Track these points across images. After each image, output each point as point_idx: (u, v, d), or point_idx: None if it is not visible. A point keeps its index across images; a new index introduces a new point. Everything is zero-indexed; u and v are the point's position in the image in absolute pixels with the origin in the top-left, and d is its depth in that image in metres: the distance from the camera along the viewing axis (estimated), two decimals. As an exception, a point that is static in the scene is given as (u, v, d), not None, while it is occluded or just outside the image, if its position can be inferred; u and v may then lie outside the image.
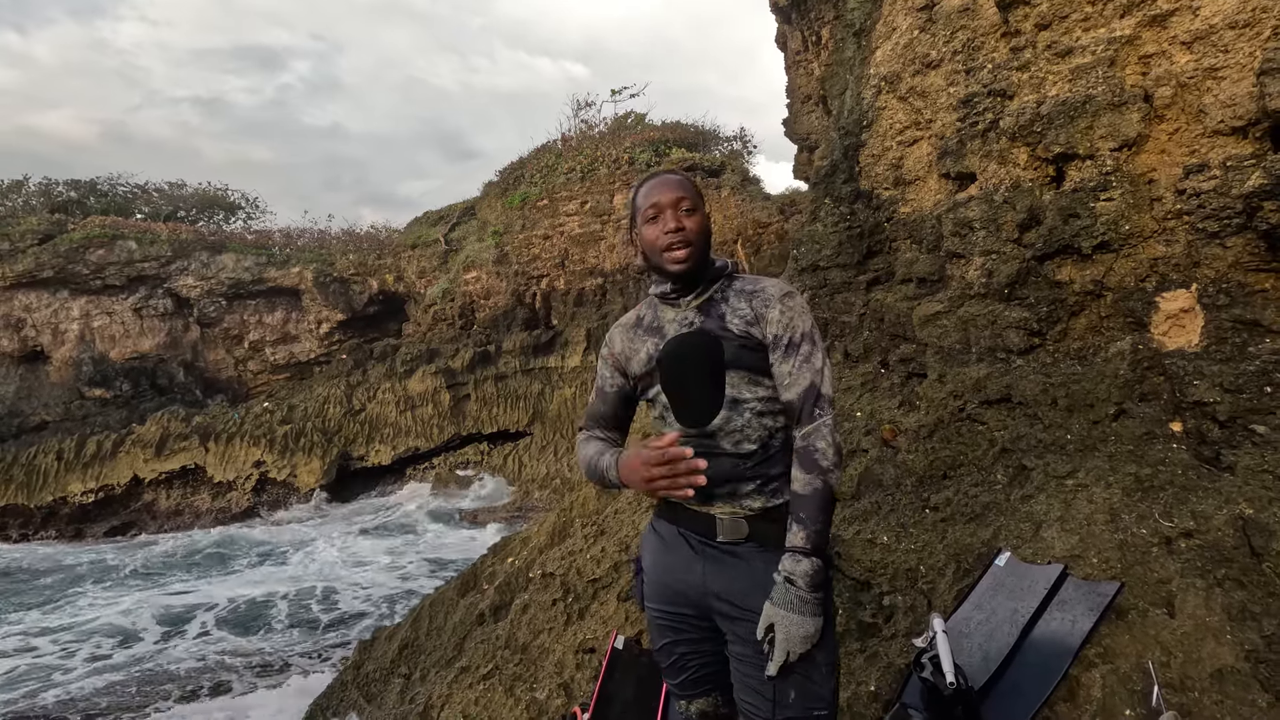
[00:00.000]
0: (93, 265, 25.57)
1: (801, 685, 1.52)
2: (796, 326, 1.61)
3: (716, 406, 1.62)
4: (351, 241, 27.31)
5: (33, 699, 7.32)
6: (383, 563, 11.96)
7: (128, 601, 10.54)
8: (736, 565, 1.60)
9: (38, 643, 9.09)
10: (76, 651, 8.76)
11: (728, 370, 1.62)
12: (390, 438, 16.89)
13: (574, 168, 20.14)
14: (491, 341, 18.74)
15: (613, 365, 1.84)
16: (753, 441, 1.61)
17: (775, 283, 1.70)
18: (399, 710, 4.14)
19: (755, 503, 1.61)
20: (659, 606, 1.73)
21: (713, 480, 1.61)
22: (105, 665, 8.26)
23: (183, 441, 16.53)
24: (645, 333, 1.78)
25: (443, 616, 4.98)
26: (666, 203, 1.66)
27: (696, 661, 1.71)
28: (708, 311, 1.68)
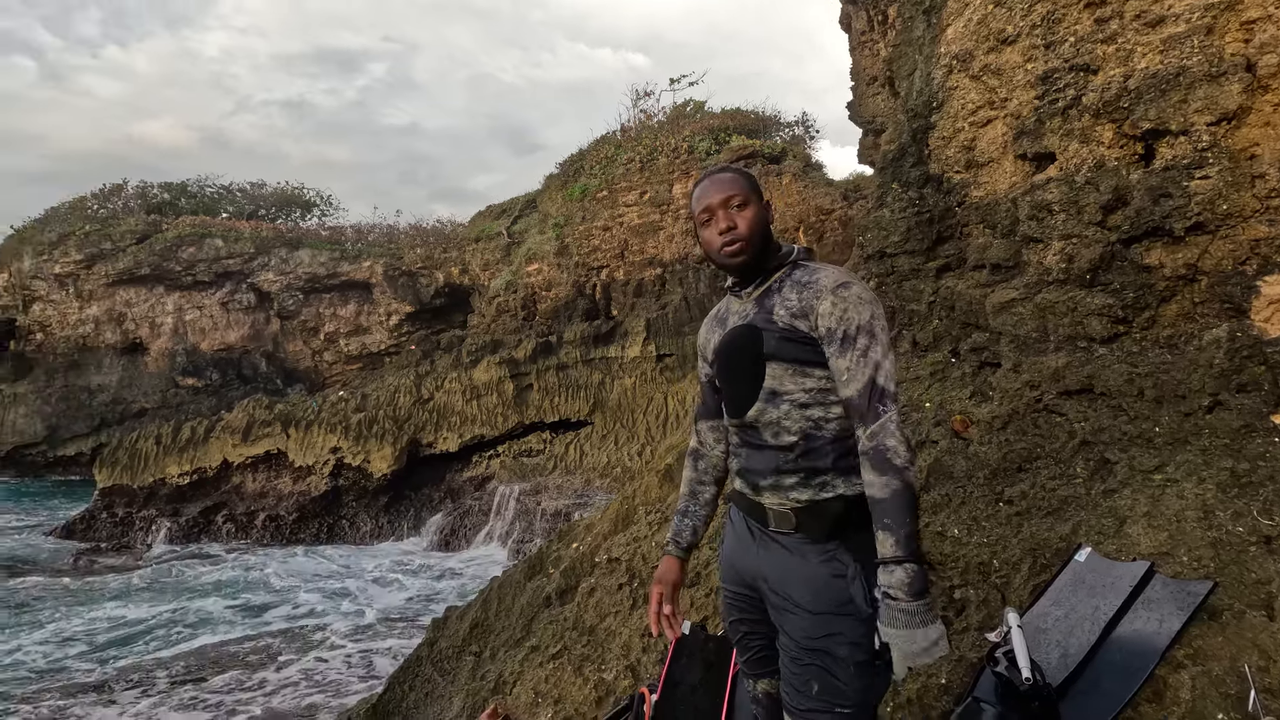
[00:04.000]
0: (184, 262, 27.32)
1: (822, 678, 1.53)
2: (851, 319, 1.54)
3: (753, 398, 1.63)
4: (419, 236, 28.22)
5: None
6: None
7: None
8: (785, 555, 1.61)
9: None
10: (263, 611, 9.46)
11: (768, 362, 1.61)
12: (457, 425, 17.43)
13: (633, 158, 20.16)
14: (553, 332, 19.05)
15: (701, 356, 1.89)
16: (792, 434, 1.59)
17: (831, 272, 1.63)
18: (471, 686, 4.31)
19: (802, 495, 1.59)
20: (727, 585, 1.80)
21: (757, 471, 1.66)
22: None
23: (266, 428, 17.52)
24: (716, 324, 1.82)
25: (510, 598, 5.15)
26: (717, 203, 1.65)
27: (758, 642, 1.76)
28: (762, 302, 1.67)
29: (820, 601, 1.54)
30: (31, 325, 27.35)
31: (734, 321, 1.72)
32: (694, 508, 1.93)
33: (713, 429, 1.92)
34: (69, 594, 11.23)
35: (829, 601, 1.53)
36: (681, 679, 2.33)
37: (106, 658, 8.50)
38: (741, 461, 1.72)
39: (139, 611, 10.29)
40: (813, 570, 1.56)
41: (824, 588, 1.54)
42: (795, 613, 1.56)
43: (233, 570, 13.13)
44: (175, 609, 10.38)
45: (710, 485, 1.94)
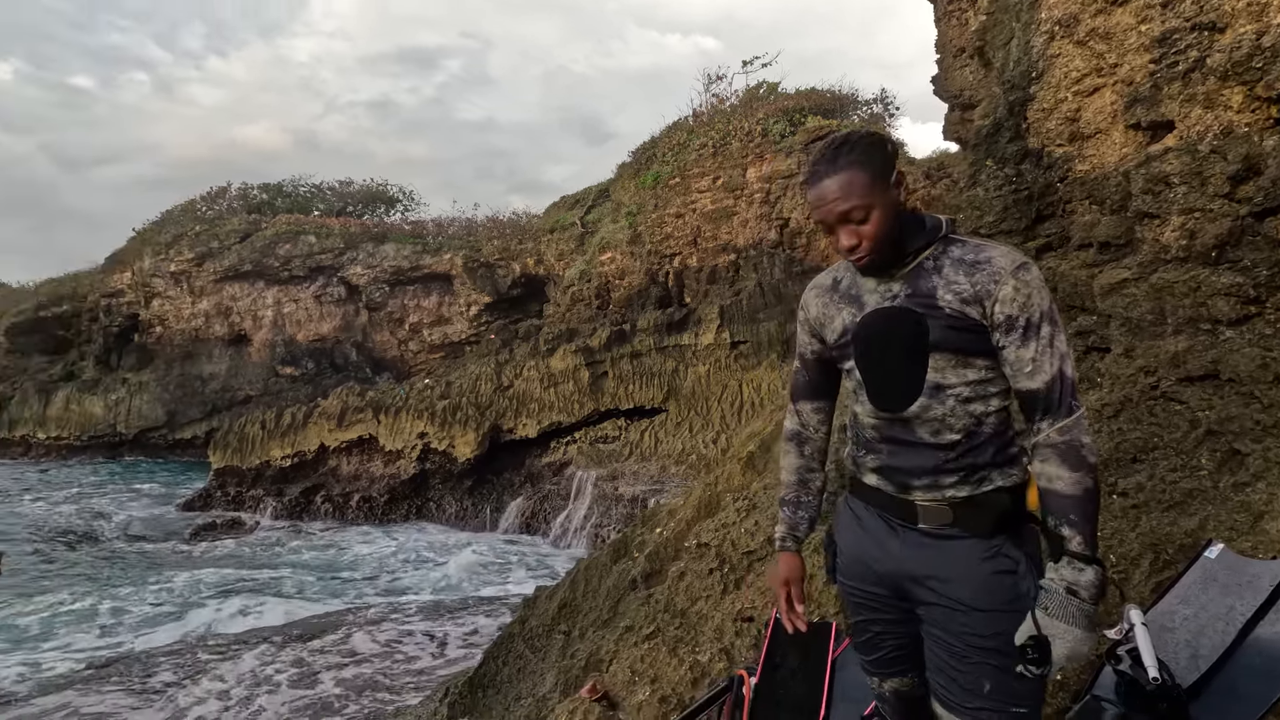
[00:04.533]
0: (281, 258, 29.09)
1: (996, 677, 1.44)
2: (1034, 305, 1.40)
3: (915, 392, 1.49)
4: (496, 228, 28.98)
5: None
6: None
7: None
8: (939, 551, 1.50)
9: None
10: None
11: (932, 353, 1.46)
12: (536, 412, 17.89)
13: (705, 144, 19.98)
14: (627, 320, 19.20)
15: (809, 331, 1.72)
16: (956, 431, 1.47)
17: (1004, 251, 1.47)
18: (562, 664, 4.47)
19: (960, 491, 1.48)
20: (853, 584, 1.68)
21: (907, 471, 1.53)
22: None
23: (359, 414, 18.51)
24: (842, 299, 1.62)
25: (597, 580, 5.29)
26: (834, 220, 1.47)
27: (892, 642, 1.66)
28: (914, 283, 1.49)
29: (988, 599, 1.45)
30: (152, 319, 29.85)
31: (876, 301, 1.54)
32: (806, 497, 1.82)
33: (816, 410, 1.79)
34: (189, 560, 12.32)
35: (998, 599, 1.45)
36: (780, 664, 2.35)
37: (220, 618, 9.27)
38: (881, 459, 1.58)
39: (246, 577, 11.19)
40: (976, 566, 1.46)
41: (991, 584, 1.45)
42: (960, 611, 1.46)
43: (330, 546, 13.99)
44: (276, 577, 11.20)
45: (819, 472, 1.84)
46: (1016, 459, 1.52)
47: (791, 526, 1.83)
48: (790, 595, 1.77)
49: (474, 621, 8.98)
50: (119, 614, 9.32)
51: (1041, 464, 1.42)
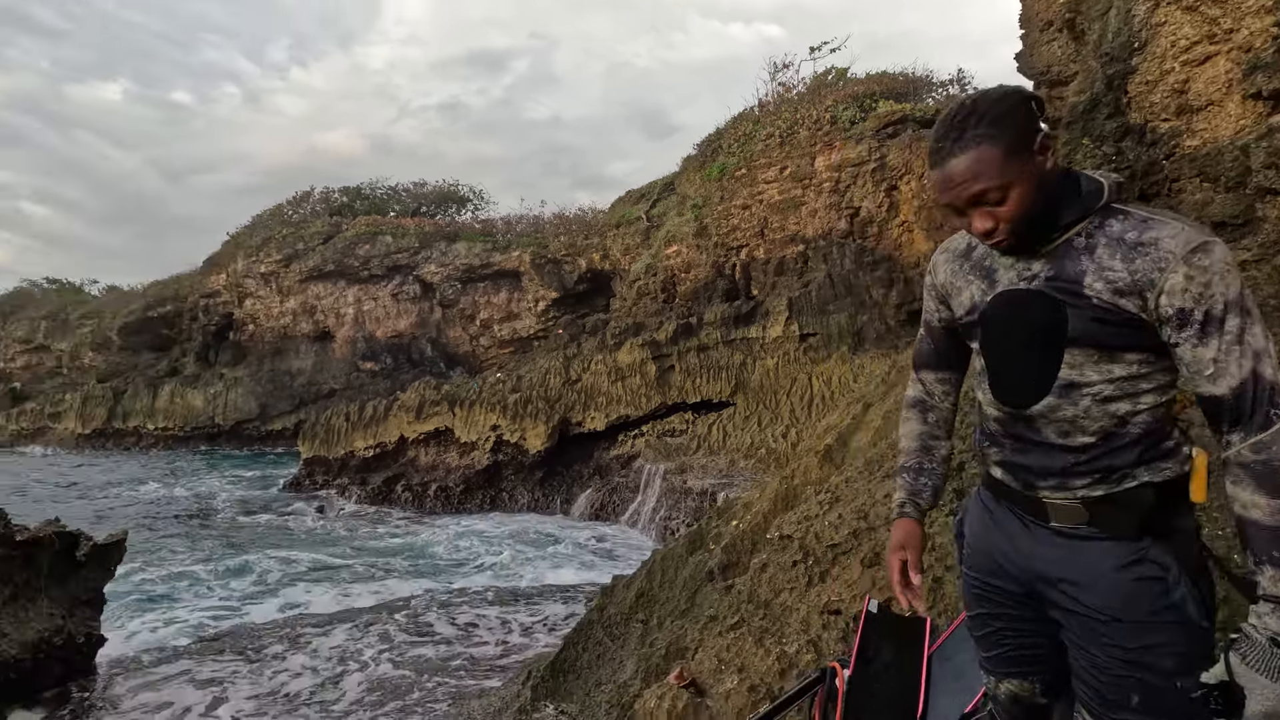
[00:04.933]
0: (361, 258, 30.44)
1: (1144, 690, 1.30)
2: (1216, 294, 1.18)
3: (1041, 390, 1.32)
4: (562, 224, 29.43)
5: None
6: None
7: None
8: (1073, 552, 1.36)
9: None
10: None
11: (1069, 348, 1.29)
12: (604, 405, 18.11)
13: (772, 133, 19.66)
14: (693, 313, 19.17)
15: (936, 297, 1.55)
16: (1089, 433, 1.31)
17: (1176, 230, 1.21)
18: (641, 652, 4.54)
19: (1095, 491, 1.32)
20: (977, 575, 1.55)
21: (1030, 469, 1.39)
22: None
23: (435, 407, 19.20)
24: (973, 270, 1.44)
25: (673, 571, 5.34)
26: (963, 203, 1.28)
27: (1013, 640, 1.53)
28: (1060, 264, 1.29)
29: (1131, 609, 1.29)
30: (244, 318, 31.82)
31: (1010, 280, 1.36)
32: (929, 464, 1.66)
33: (941, 381, 1.63)
34: (287, 539, 13.13)
35: (1142, 609, 1.29)
36: (874, 656, 2.32)
37: (313, 596, 9.83)
38: (1004, 453, 1.44)
39: (336, 556, 11.85)
40: (1116, 572, 1.31)
41: (1135, 593, 1.29)
42: (1100, 621, 1.32)
43: (411, 532, 14.59)
44: (362, 559, 11.79)
45: (944, 440, 1.67)
46: (1173, 452, 1.32)
47: (912, 493, 1.67)
48: (903, 565, 1.60)
49: (545, 608, 9.20)
50: (229, 587, 10.09)
51: (1233, 486, 1.21)
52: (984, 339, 1.44)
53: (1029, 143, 1.23)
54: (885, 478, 3.59)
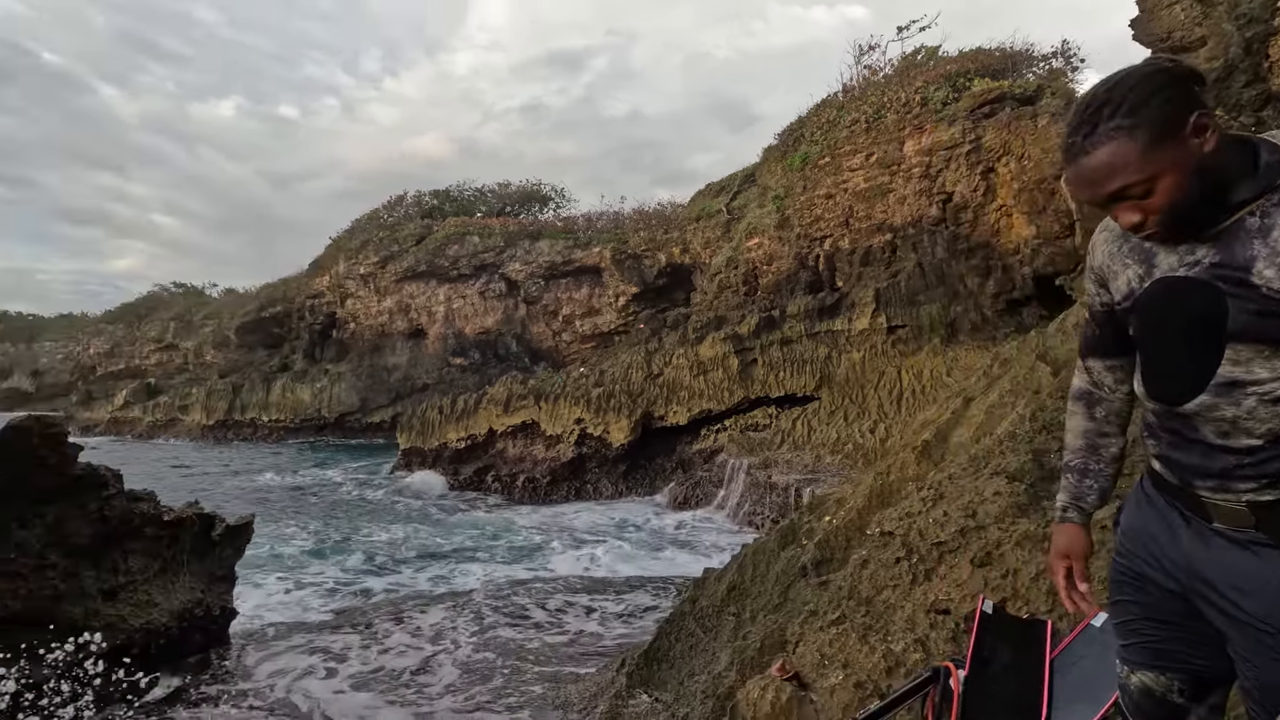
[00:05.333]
0: (450, 258, 31.71)
1: None
2: None
3: (1197, 387, 1.23)
4: (642, 219, 29.64)
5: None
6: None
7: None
8: (1239, 557, 1.26)
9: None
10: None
11: (1231, 343, 1.17)
12: (685, 399, 18.16)
13: (857, 119, 19.05)
14: (776, 306, 18.90)
15: (1096, 280, 1.45)
16: (1256, 435, 1.19)
17: None
18: (736, 645, 4.57)
19: (1263, 496, 1.21)
20: (1127, 563, 1.49)
21: (1189, 468, 1.30)
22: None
23: (522, 401, 19.81)
24: (1132, 253, 1.34)
25: (765, 565, 5.33)
26: (1101, 201, 1.20)
27: (1153, 633, 1.45)
28: (1228, 248, 1.17)
29: None
30: (346, 317, 33.83)
31: (1170, 266, 1.25)
32: (1096, 464, 1.55)
33: (1112, 369, 1.51)
34: (394, 520, 13.98)
35: None
36: (991, 658, 2.27)
37: (418, 578, 10.40)
38: (1161, 447, 1.36)
39: (438, 539, 12.51)
40: None
41: None
42: (1268, 633, 1.22)
43: (505, 519, 15.13)
44: (460, 544, 12.35)
45: (1115, 437, 1.54)
46: None
47: (1075, 496, 1.57)
48: (1069, 573, 1.53)
49: (632, 598, 9.36)
50: (343, 566, 10.88)
51: None
52: (1138, 328, 1.35)
53: (1178, 128, 1.11)
54: (994, 475, 3.46)
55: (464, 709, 5.93)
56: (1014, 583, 2.68)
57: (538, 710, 5.72)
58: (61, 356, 52.62)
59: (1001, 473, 3.41)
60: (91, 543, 6.33)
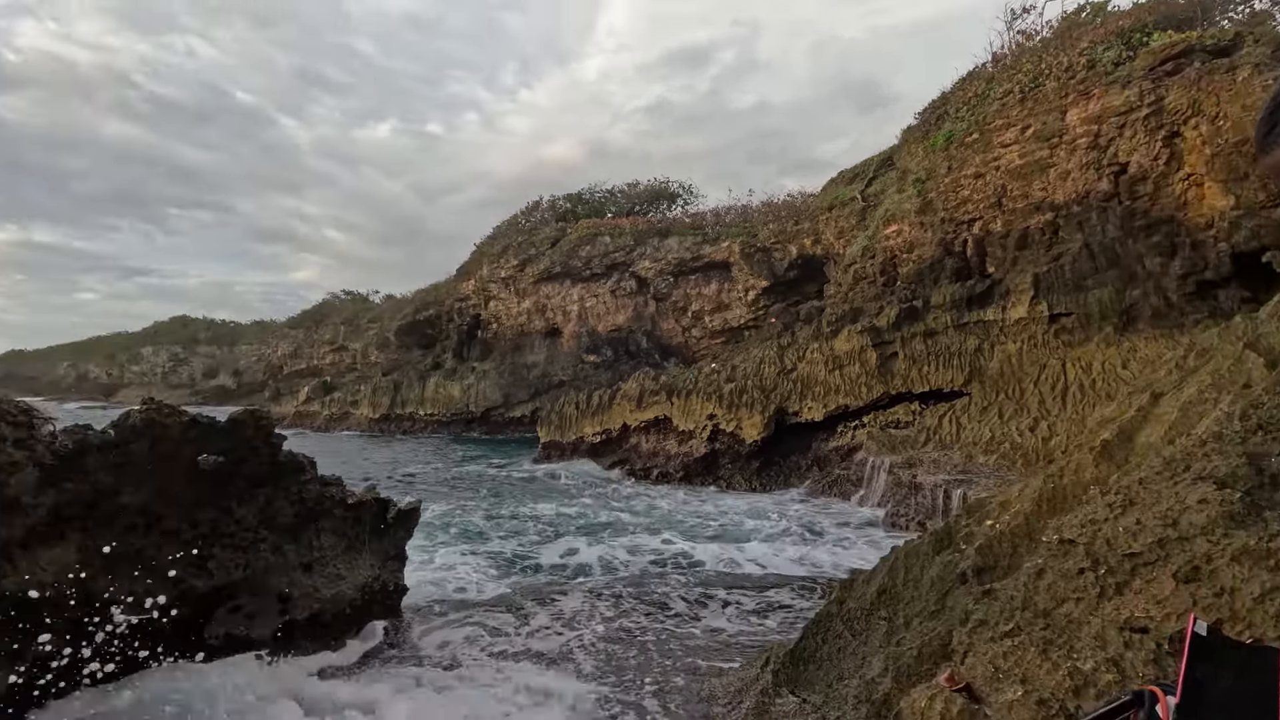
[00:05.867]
0: (583, 259, 32.82)
1: None
2: None
3: None
4: (771, 211, 29.09)
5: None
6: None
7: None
8: None
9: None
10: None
11: None
12: (820, 395, 17.63)
13: (1010, 90, 17.54)
14: (917, 296, 17.85)
15: None
16: None
17: None
18: (889, 650, 4.41)
19: None
20: None
21: None
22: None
23: (655, 396, 20.16)
24: None
25: (918, 569, 5.08)
26: None
27: None
28: None
29: None
30: (489, 318, 36.06)
31: None
32: None
33: None
34: (544, 505, 14.80)
35: None
36: (1207, 686, 2.04)
37: (567, 563, 10.90)
38: None
39: (584, 527, 13.05)
40: None
41: None
42: None
43: (645, 509, 15.47)
44: (606, 531, 12.81)
45: None
46: None
47: None
48: None
49: (771, 595, 9.24)
50: (497, 550, 11.67)
51: None
52: None
53: None
54: (1197, 480, 3.08)
55: (611, 693, 6.17)
56: (1231, 603, 2.38)
57: (684, 701, 5.83)
58: (256, 358, 60.45)
59: (1207, 478, 3.03)
60: (293, 522, 7.23)
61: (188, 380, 66.26)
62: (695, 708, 5.74)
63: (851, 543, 11.93)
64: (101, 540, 5.63)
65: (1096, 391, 13.59)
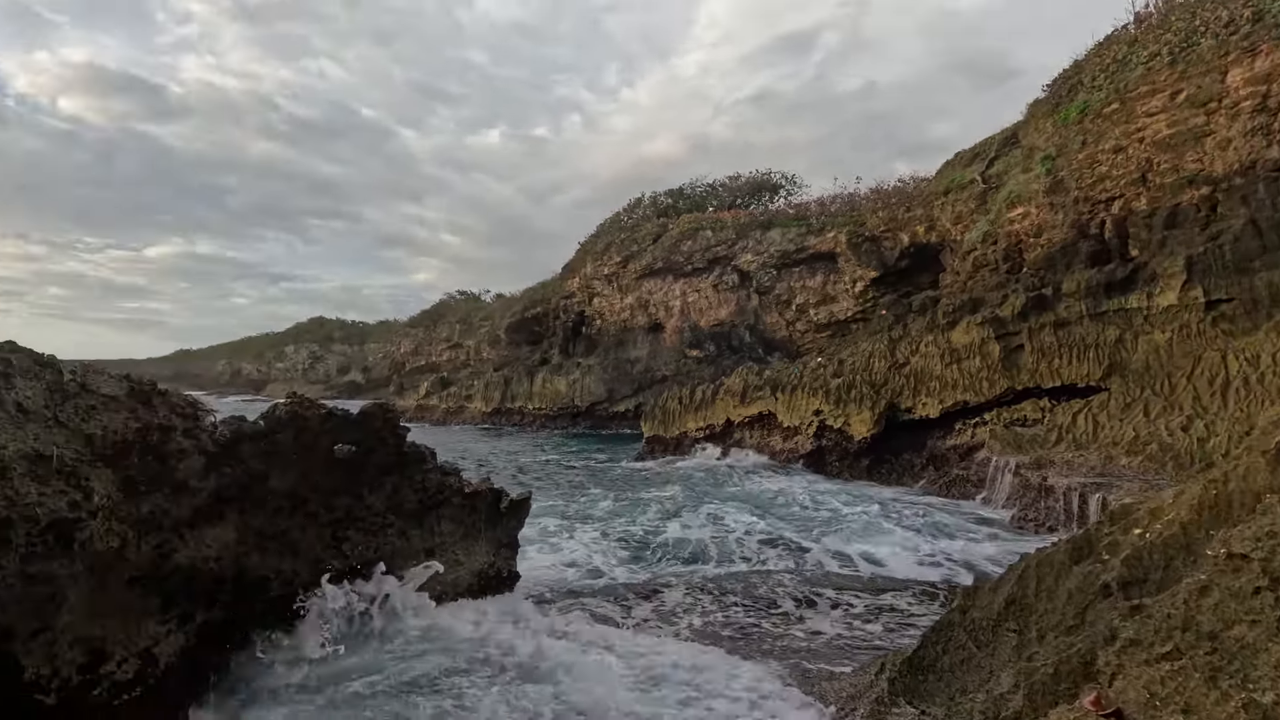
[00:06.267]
0: (684, 254, 32.81)
1: None
2: None
3: None
4: (880, 199, 27.82)
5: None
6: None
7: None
8: None
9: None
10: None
11: None
12: (936, 391, 16.69)
13: (1157, 52, 15.83)
14: (1047, 284, 16.49)
15: None
16: None
17: None
18: (1021, 666, 4.10)
19: None
20: None
21: None
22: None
23: (758, 391, 19.85)
24: None
25: (1052, 580, 4.69)
26: None
27: None
28: None
29: None
30: (593, 315, 36.84)
31: None
32: None
33: None
34: (649, 494, 14.97)
35: None
36: None
37: (668, 563, 10.97)
38: None
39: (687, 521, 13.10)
40: None
41: None
42: None
43: (751, 500, 15.30)
44: (714, 523, 12.77)
45: None
46: None
47: None
48: None
49: (883, 599, 8.86)
50: (605, 542, 11.89)
51: None
52: None
53: None
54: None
55: (721, 691, 6.13)
56: None
57: (798, 706, 5.71)
58: (382, 355, 65.06)
59: None
60: (416, 509, 7.71)
61: (324, 376, 72.40)
62: (808, 713, 5.60)
63: (973, 544, 11.21)
64: (254, 520, 6.25)
65: (1266, 387, 12.02)
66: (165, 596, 5.45)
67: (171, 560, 5.46)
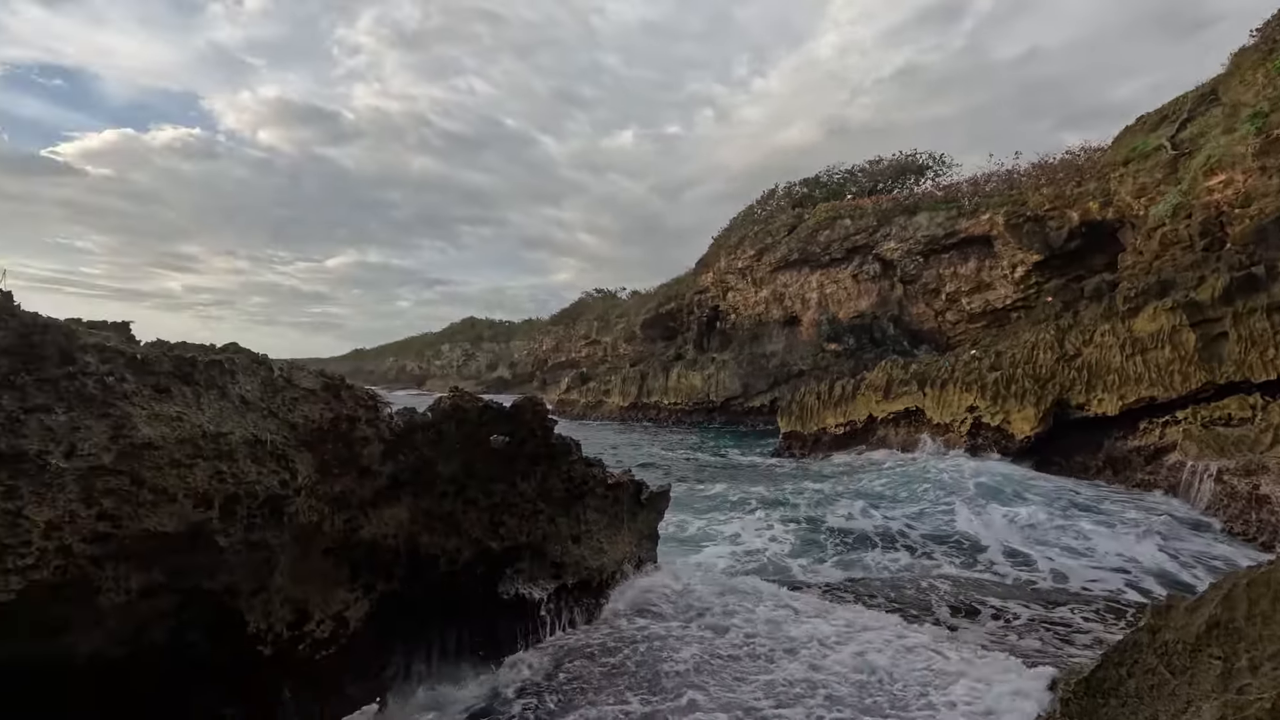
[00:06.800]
0: (821, 244, 31.75)
1: None
2: None
3: None
4: (1044, 174, 25.32)
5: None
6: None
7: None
8: None
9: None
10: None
11: None
12: (1115, 385, 14.94)
13: None
14: (1258, 261, 14.23)
15: None
16: None
17: None
18: (1228, 699, 3.63)
19: None
20: None
21: None
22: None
23: (904, 386, 18.80)
24: None
25: (1269, 603, 4.07)
26: None
27: None
28: None
29: None
30: (727, 309, 36.65)
31: None
32: None
33: None
34: (788, 488, 14.75)
35: None
36: None
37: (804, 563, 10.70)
38: None
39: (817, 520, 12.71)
40: None
41: None
42: None
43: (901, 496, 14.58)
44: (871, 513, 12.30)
45: None
46: None
47: None
48: None
49: (1052, 612, 8.11)
50: (737, 539, 11.86)
51: None
52: None
53: None
54: None
55: (891, 695, 5.93)
56: None
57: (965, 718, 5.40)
58: (526, 352, 68.89)
59: None
60: (564, 497, 8.13)
61: (475, 372, 77.98)
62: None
63: (1165, 561, 9.94)
64: (424, 503, 6.89)
65: None
66: (353, 566, 6.17)
67: (358, 535, 6.17)
